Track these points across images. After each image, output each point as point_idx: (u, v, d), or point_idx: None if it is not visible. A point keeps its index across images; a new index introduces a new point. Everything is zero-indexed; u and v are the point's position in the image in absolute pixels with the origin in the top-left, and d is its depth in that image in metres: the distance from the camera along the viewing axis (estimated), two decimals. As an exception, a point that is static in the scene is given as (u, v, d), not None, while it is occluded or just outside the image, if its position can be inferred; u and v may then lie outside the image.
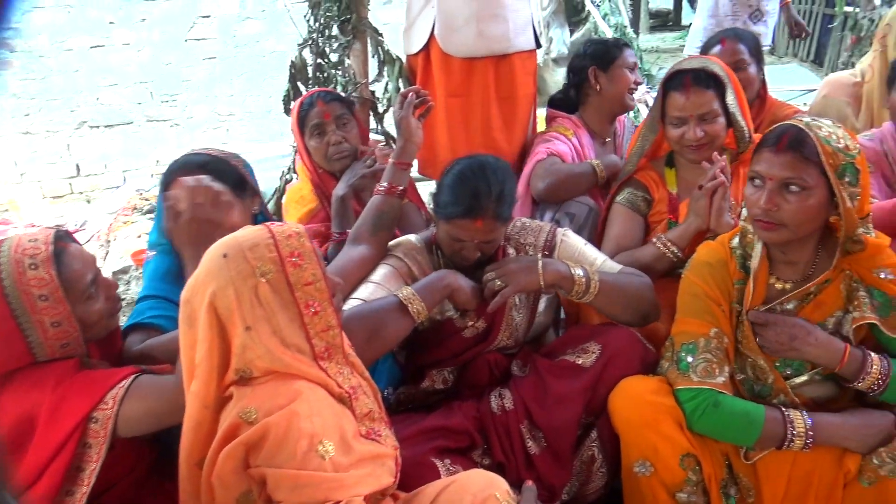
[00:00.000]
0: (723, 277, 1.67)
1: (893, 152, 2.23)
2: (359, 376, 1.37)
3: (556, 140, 2.51)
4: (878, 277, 1.60)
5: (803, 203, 1.51)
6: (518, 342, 1.90)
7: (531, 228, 1.94)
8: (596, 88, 2.58)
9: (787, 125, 1.57)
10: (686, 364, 1.62)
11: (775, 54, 7.80)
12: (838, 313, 1.63)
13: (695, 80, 2.02)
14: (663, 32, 12.64)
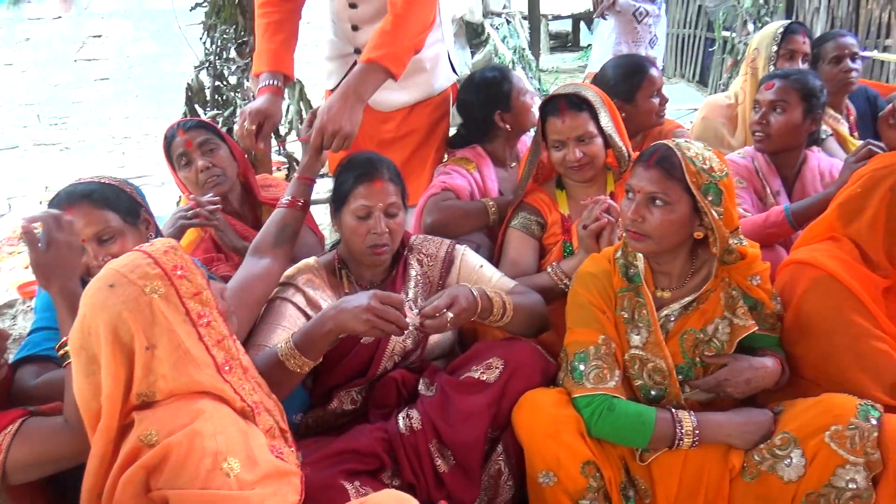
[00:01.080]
0: (605, 287, 1.78)
1: (763, 169, 2.42)
2: (262, 394, 1.36)
3: (455, 174, 2.48)
4: (751, 284, 1.74)
5: (666, 216, 1.65)
6: (417, 343, 1.92)
7: (432, 241, 2.04)
8: (506, 129, 2.57)
9: (659, 144, 1.72)
10: (580, 372, 1.70)
11: (665, 75, 8.29)
12: (717, 320, 1.75)
13: (569, 105, 2.14)
14: (563, 53, 13.16)
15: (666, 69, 8.38)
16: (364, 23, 2.40)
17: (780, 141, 2.37)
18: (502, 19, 4.81)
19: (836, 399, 1.61)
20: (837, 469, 1.53)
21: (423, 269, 2.00)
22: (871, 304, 1.73)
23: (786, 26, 2.98)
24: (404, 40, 2.10)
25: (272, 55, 2.29)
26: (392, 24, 2.09)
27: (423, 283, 1.99)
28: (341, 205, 1.88)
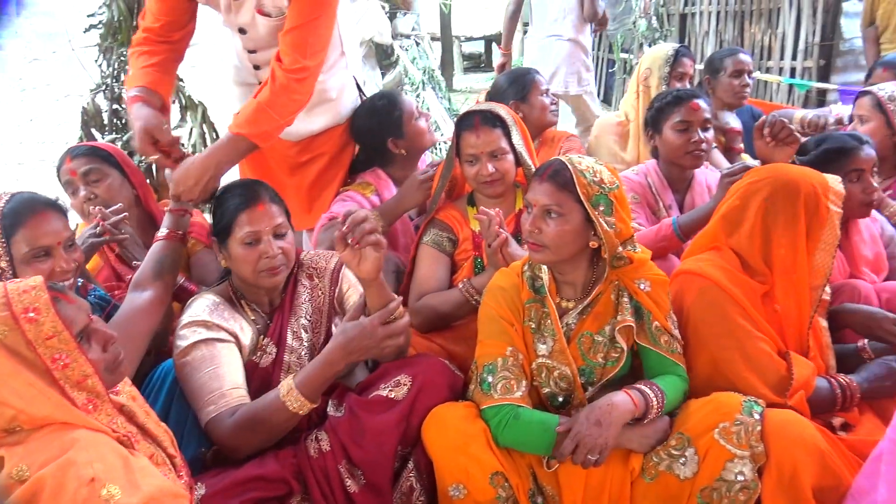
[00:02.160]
0: (514, 300, 1.84)
1: (656, 185, 2.55)
2: (152, 422, 1.33)
3: (350, 201, 2.49)
4: (639, 288, 1.83)
5: (561, 227, 1.74)
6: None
7: (322, 254, 2.05)
8: (401, 153, 2.60)
9: (553, 160, 1.81)
10: (488, 384, 1.75)
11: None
12: (612, 321, 1.84)
13: (483, 121, 2.21)
14: (476, 74, 13.38)
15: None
16: (264, 64, 2.37)
17: (709, 156, 2.54)
18: (411, 41, 4.89)
19: (723, 398, 1.71)
20: (727, 463, 1.62)
21: (314, 283, 2.00)
22: (751, 308, 1.85)
23: (676, 50, 3.18)
24: (278, 119, 2.12)
25: (142, 74, 2.20)
26: (268, 101, 2.09)
27: (313, 298, 1.99)
28: (226, 236, 1.85)
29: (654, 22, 4.69)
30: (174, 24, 2.25)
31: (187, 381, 1.76)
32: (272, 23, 2.25)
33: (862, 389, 1.85)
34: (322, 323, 1.98)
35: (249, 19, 2.29)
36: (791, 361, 1.81)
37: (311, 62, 2.15)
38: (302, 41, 2.12)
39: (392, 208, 2.44)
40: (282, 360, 1.87)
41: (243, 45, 2.42)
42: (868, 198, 2.18)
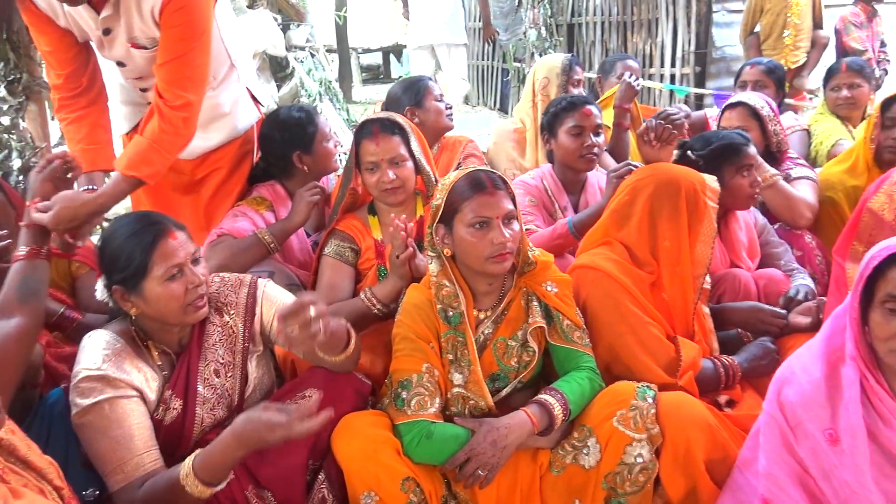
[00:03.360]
0: (429, 316, 1.84)
1: (552, 188, 2.65)
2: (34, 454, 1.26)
3: (241, 217, 2.43)
4: (546, 290, 1.90)
5: (519, 230, 1.82)
6: (232, 408, 1.81)
7: (230, 284, 1.88)
8: (304, 170, 2.56)
9: (478, 170, 1.87)
10: (402, 400, 1.75)
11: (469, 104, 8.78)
12: (524, 325, 1.89)
13: (382, 128, 2.21)
14: (375, 85, 13.41)
15: (469, 98, 8.90)
16: (152, 88, 2.27)
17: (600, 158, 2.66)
18: (307, 52, 4.85)
19: (619, 387, 1.80)
20: (626, 448, 1.71)
21: (224, 320, 1.82)
22: (641, 297, 1.96)
23: (569, 59, 3.35)
24: (168, 158, 2.12)
25: (80, 154, 2.17)
26: (157, 140, 2.08)
27: (224, 338, 1.82)
28: (140, 279, 1.65)
29: (544, 32, 4.88)
30: (76, 72, 2.21)
31: (91, 445, 1.59)
32: (149, 54, 2.20)
33: (743, 369, 2.00)
34: (236, 365, 1.81)
35: (124, 52, 2.23)
36: (679, 344, 1.94)
37: (195, 96, 2.12)
38: (179, 75, 2.09)
39: (283, 227, 2.40)
40: (193, 412, 1.72)
41: (125, 76, 2.36)
42: (753, 191, 2.35)
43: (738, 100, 2.94)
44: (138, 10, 2.11)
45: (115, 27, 2.16)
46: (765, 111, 2.85)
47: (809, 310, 2.14)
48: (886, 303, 1.39)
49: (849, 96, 3.58)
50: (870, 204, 1.97)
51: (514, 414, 1.75)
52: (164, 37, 2.10)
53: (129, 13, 2.12)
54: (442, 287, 1.84)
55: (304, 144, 2.54)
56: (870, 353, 1.47)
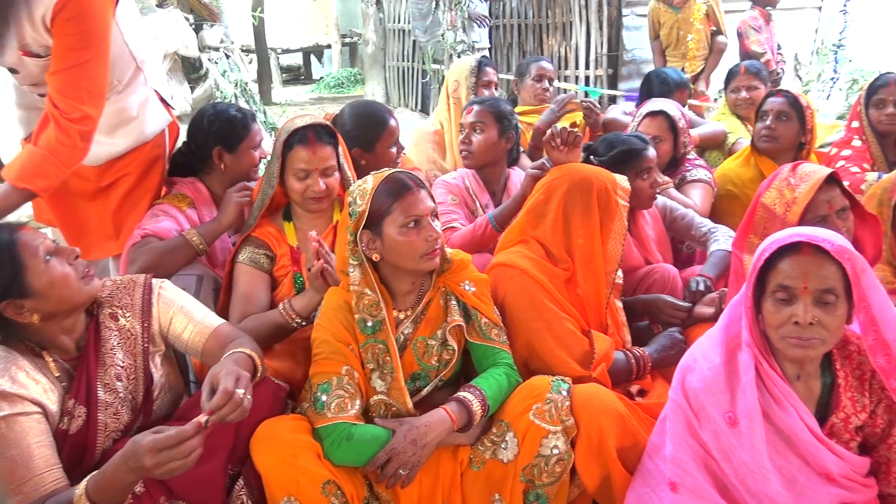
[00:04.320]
0: (347, 319, 1.84)
1: (473, 186, 2.69)
2: None
3: (163, 216, 2.36)
4: (464, 289, 1.93)
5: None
6: (137, 410, 1.77)
7: (124, 286, 1.81)
8: (220, 168, 2.50)
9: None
10: (322, 403, 1.74)
11: (390, 105, 8.78)
12: (443, 324, 1.92)
13: (317, 136, 2.16)
14: (296, 86, 13.23)
15: (391, 99, 8.91)
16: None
17: (481, 157, 2.68)
18: (221, 53, 4.73)
19: (534, 381, 1.85)
20: (543, 440, 1.75)
21: (120, 324, 1.76)
22: (556, 293, 2.02)
23: (479, 60, 3.39)
24: (64, 170, 2.05)
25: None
26: (53, 151, 2.00)
27: (123, 342, 1.76)
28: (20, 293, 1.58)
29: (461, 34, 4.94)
30: None
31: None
32: (43, 62, 2.09)
33: (653, 359, 2.10)
34: (138, 367, 1.76)
35: (16, 60, 2.11)
36: (593, 338, 2.01)
37: (93, 110, 2.03)
38: (74, 86, 2.00)
39: (210, 229, 2.34)
40: (95, 420, 1.67)
41: (20, 82, 2.24)
42: (654, 191, 2.46)
43: (661, 109, 3.04)
44: (29, 17, 1.98)
45: (4, 34, 2.04)
46: (681, 123, 2.99)
47: (713, 300, 2.25)
48: (776, 293, 1.49)
49: (747, 97, 3.80)
50: (763, 199, 2.09)
51: (433, 412, 1.78)
52: (56, 45, 1.99)
53: (19, 20, 1.99)
54: (363, 296, 1.83)
55: (229, 143, 2.48)
56: (763, 339, 1.56)
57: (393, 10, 8.52)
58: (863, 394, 1.58)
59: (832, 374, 1.58)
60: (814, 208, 1.98)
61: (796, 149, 3.08)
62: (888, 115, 3.18)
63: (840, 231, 1.96)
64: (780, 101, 3.04)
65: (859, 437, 1.60)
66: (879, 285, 1.50)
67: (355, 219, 1.81)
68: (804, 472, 1.53)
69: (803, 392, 1.57)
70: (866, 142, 3.28)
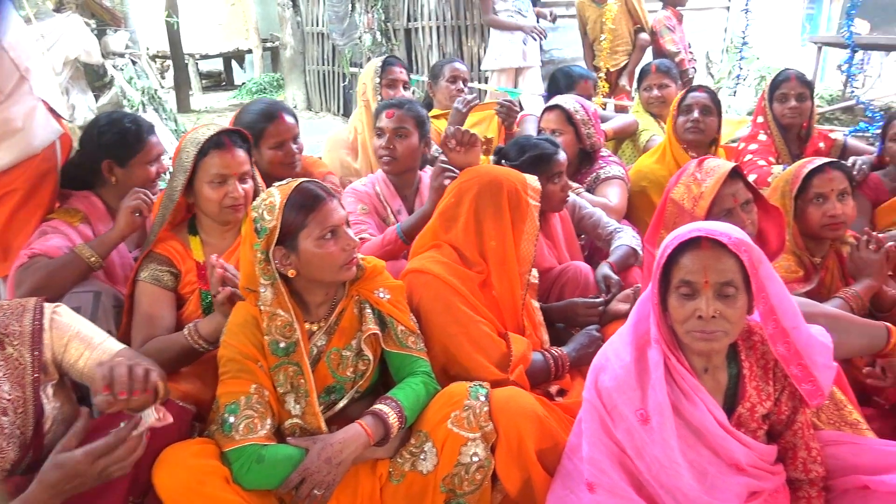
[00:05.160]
0: (255, 335, 1.75)
1: (384, 193, 2.64)
2: None
3: (52, 234, 2.22)
4: (378, 297, 1.88)
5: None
6: (26, 445, 1.63)
7: (11, 312, 1.66)
8: (112, 181, 2.37)
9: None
10: (229, 425, 1.66)
11: (312, 110, 8.65)
12: (358, 334, 1.86)
13: (233, 141, 2.09)
14: (217, 93, 12.89)
15: (312, 104, 8.77)
16: None
17: (404, 163, 2.62)
18: (126, 60, 4.52)
19: (452, 388, 1.82)
20: (462, 448, 1.72)
21: (7, 353, 1.63)
22: (471, 297, 2.00)
23: (384, 60, 3.35)
24: None
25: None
26: None
27: (10, 372, 1.62)
28: None
29: (379, 37, 4.88)
30: None
31: None
32: None
33: (571, 358, 2.10)
34: (27, 399, 1.62)
35: None
36: (510, 340, 1.99)
37: None
38: None
39: (103, 240, 2.21)
40: None
41: None
42: (564, 195, 2.48)
43: (555, 103, 3.10)
44: None
45: None
46: (579, 115, 3.03)
47: (628, 297, 2.28)
48: (680, 288, 1.51)
49: (659, 95, 3.90)
50: (672, 194, 2.12)
51: (348, 427, 1.72)
52: None
53: None
54: (276, 317, 1.74)
55: (120, 156, 2.35)
56: (671, 335, 1.58)
57: (311, 13, 8.37)
58: (767, 382, 1.61)
59: (738, 364, 1.61)
60: (720, 202, 2.02)
61: (711, 143, 3.21)
62: (791, 108, 3.33)
63: (745, 223, 2.02)
64: (704, 96, 3.18)
65: (766, 425, 1.64)
66: (776, 275, 1.54)
67: (266, 236, 1.72)
68: (714, 463, 1.55)
69: (711, 384, 1.59)
70: (771, 136, 3.41)
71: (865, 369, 1.91)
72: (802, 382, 1.56)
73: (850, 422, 1.78)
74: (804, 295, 2.25)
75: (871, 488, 1.60)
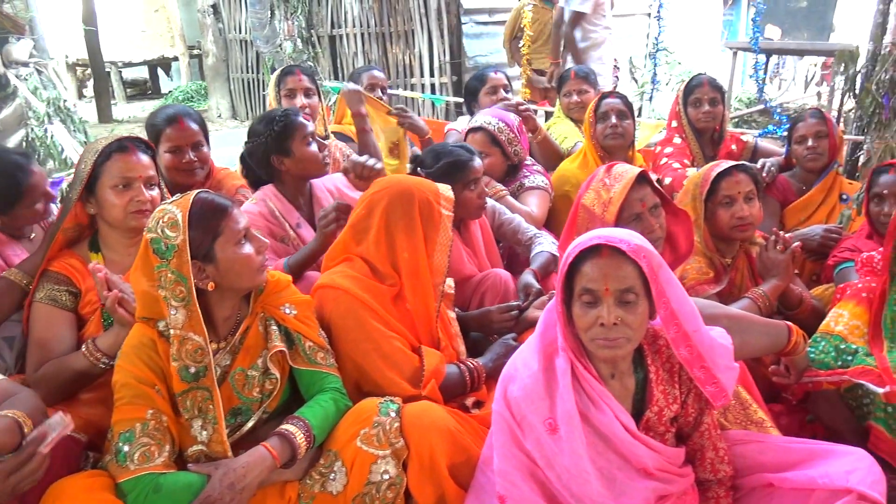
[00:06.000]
0: (152, 357, 1.67)
1: (279, 209, 2.49)
2: None
3: None
4: (284, 313, 1.81)
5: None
6: None
7: None
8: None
9: None
10: (124, 454, 1.58)
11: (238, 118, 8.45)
12: (263, 352, 1.79)
13: (137, 146, 2.04)
14: (142, 101, 12.54)
15: (237, 113, 8.57)
16: None
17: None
18: (31, 69, 4.29)
19: (361, 405, 1.77)
20: (372, 466, 1.68)
21: None
22: (383, 311, 1.95)
23: (282, 69, 3.29)
24: None
25: None
26: None
27: None
28: None
29: (300, 44, 4.79)
30: None
31: None
32: None
33: (487, 369, 2.08)
34: None
35: None
36: (423, 354, 1.95)
37: None
38: None
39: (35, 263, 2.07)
40: None
41: None
42: (482, 202, 2.46)
43: (479, 125, 3.08)
44: None
45: None
46: (503, 135, 3.03)
47: (544, 303, 2.28)
48: (582, 296, 1.50)
49: (578, 101, 3.95)
50: (583, 200, 2.13)
51: (252, 451, 1.65)
52: None
53: None
54: (186, 341, 1.65)
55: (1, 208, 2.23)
56: (577, 342, 1.57)
57: (233, 20, 8.18)
58: (673, 386, 1.62)
59: (644, 369, 1.61)
60: (628, 207, 2.04)
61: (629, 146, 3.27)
62: (704, 112, 3.42)
63: (654, 227, 2.04)
64: (617, 101, 3.24)
65: (674, 427, 1.65)
66: (676, 280, 1.55)
67: (176, 253, 1.63)
68: (623, 469, 1.55)
69: (619, 390, 1.59)
70: (686, 139, 3.49)
71: (771, 367, 1.95)
72: (706, 384, 1.57)
73: (756, 420, 1.82)
74: (715, 295, 2.31)
75: (775, 485, 1.63)
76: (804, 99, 8.65)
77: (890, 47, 2.95)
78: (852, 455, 1.60)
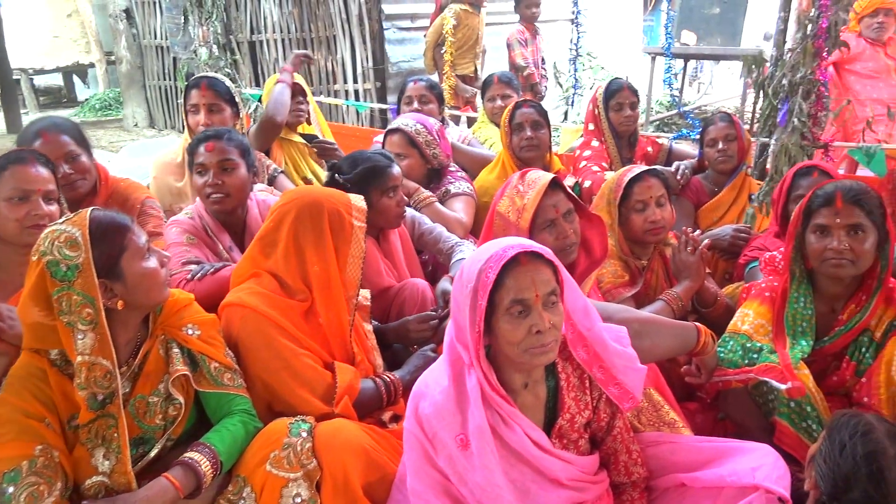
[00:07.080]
0: (41, 388, 1.57)
1: (211, 226, 2.39)
2: None
3: None
4: (186, 334, 1.73)
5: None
6: None
7: None
8: None
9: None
10: (8, 496, 1.47)
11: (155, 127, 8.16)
12: (165, 377, 1.70)
13: (36, 158, 2.01)
14: (57, 110, 11.97)
15: (155, 122, 8.27)
16: None
17: (237, 198, 2.38)
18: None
19: (271, 426, 1.71)
20: (283, 490, 1.62)
21: None
22: (292, 328, 1.88)
23: (189, 81, 3.14)
24: None
25: None
26: None
27: None
28: None
29: (216, 50, 4.66)
30: None
31: None
32: None
33: (405, 382, 2.04)
34: None
35: None
36: (335, 370, 1.89)
37: None
38: None
39: None
40: None
41: None
42: (401, 210, 2.42)
43: (396, 126, 3.04)
44: None
45: None
46: (421, 137, 2.99)
47: (462, 312, 2.25)
48: (511, 309, 1.45)
49: (502, 105, 3.95)
50: (498, 207, 2.12)
51: (153, 483, 1.57)
52: None
53: None
54: (95, 367, 1.55)
55: None
56: (486, 357, 1.54)
57: (147, 25, 7.89)
58: (584, 392, 1.62)
59: (556, 377, 1.61)
60: (542, 213, 2.03)
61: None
62: (626, 116, 3.47)
63: (568, 232, 2.05)
64: (531, 111, 3.22)
65: (587, 433, 1.65)
66: (570, 278, 1.55)
67: (80, 273, 1.53)
68: (536, 481, 1.53)
69: (531, 400, 1.57)
70: (604, 142, 3.54)
71: (683, 368, 1.98)
72: (608, 386, 1.58)
73: (668, 421, 1.84)
74: (631, 298, 2.34)
75: (687, 485, 1.65)
76: (721, 102, 8.98)
77: (789, 53, 3.06)
78: (758, 451, 1.63)
